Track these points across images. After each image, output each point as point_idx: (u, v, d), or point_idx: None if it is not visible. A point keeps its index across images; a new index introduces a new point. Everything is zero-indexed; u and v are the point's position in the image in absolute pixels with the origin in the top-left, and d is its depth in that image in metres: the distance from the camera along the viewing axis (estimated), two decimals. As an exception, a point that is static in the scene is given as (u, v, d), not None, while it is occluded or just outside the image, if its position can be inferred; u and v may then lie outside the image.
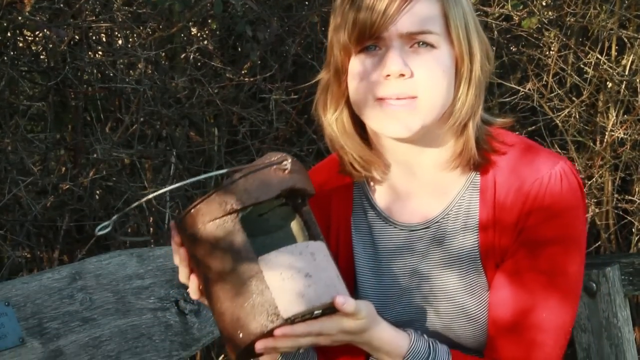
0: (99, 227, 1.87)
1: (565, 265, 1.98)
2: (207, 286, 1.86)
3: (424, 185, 2.05)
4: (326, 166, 2.20)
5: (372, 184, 2.11)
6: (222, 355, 4.13)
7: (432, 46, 1.93)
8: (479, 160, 2.01)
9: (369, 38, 1.93)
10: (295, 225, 1.98)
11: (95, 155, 3.79)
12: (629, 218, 4.70)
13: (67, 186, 3.76)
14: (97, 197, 4.01)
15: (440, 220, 2.03)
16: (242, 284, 1.80)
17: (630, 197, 4.69)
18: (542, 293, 1.97)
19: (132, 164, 4.10)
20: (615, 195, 4.67)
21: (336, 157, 2.13)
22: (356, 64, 1.97)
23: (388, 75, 1.92)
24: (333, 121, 2.05)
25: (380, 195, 2.10)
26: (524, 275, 1.98)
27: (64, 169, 3.94)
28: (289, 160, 1.85)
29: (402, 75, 1.91)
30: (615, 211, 4.71)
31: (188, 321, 2.71)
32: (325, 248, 1.89)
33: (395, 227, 2.07)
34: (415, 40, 1.93)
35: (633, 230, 4.74)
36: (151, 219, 4.03)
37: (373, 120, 1.97)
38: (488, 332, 2.01)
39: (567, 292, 1.99)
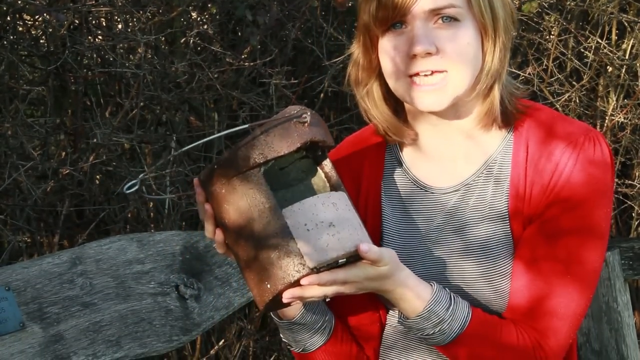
0: (128, 184, 1.90)
1: (583, 255, 1.99)
2: (232, 240, 1.89)
3: (455, 149, 2.08)
4: (360, 134, 2.24)
5: (404, 151, 2.14)
6: (223, 340, 4.14)
7: (455, 19, 1.96)
8: (507, 119, 2.04)
9: (393, 19, 1.97)
10: (316, 178, 2.01)
11: (95, 140, 3.80)
12: (629, 202, 4.72)
13: (67, 171, 3.76)
14: (97, 181, 4.02)
15: (471, 183, 2.06)
16: (267, 236, 1.83)
17: (630, 182, 4.70)
18: (558, 281, 1.98)
19: (132, 149, 4.11)
20: (616, 180, 4.67)
21: (369, 127, 2.18)
22: (385, 44, 2.01)
23: (415, 55, 1.96)
24: (365, 94, 2.10)
25: (412, 160, 2.13)
26: (541, 263, 1.99)
27: (64, 153, 3.94)
28: (309, 113, 1.87)
29: (429, 54, 1.95)
30: (616, 196, 4.72)
31: (188, 306, 2.72)
32: (347, 198, 1.92)
33: (427, 191, 2.09)
34: (439, 16, 1.96)
35: (633, 214, 4.76)
36: (151, 204, 4.04)
37: (406, 96, 2.01)
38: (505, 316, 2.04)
39: (582, 281, 2.00)
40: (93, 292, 2.55)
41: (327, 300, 2.05)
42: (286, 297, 1.85)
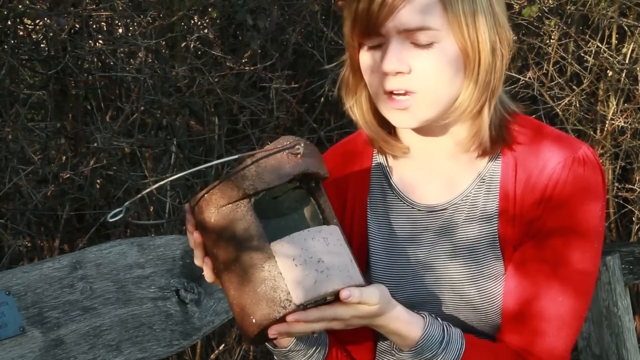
0: (111, 213, 1.86)
1: (569, 255, 1.97)
2: (220, 270, 1.87)
3: (441, 168, 2.06)
4: (346, 145, 2.21)
5: (391, 165, 2.12)
6: (223, 345, 4.15)
7: (429, 45, 1.90)
8: (495, 145, 2.01)
9: (369, 35, 1.93)
10: (309, 209, 1.99)
11: (95, 144, 3.80)
12: (629, 207, 4.73)
13: (68, 175, 3.76)
14: (97, 186, 4.02)
15: (458, 203, 2.04)
16: (254, 269, 1.81)
17: (630, 186, 4.71)
18: (545, 282, 1.97)
19: (132, 153, 4.11)
20: (616, 184, 4.70)
21: (358, 134, 2.16)
22: (363, 59, 1.98)
23: (386, 73, 1.92)
24: (353, 105, 2.07)
25: (399, 177, 2.10)
26: (529, 265, 1.98)
27: (64, 157, 3.94)
28: (302, 145, 1.85)
29: (400, 72, 1.91)
30: (616, 200, 4.74)
31: (189, 310, 2.71)
32: (339, 232, 1.89)
33: (413, 208, 2.07)
34: (414, 36, 1.90)
35: (633, 219, 4.77)
36: (152, 208, 4.04)
37: (383, 111, 1.99)
38: (500, 324, 2.03)
39: (569, 282, 1.98)
40: (93, 297, 2.54)
41: None
42: (271, 333, 1.82)
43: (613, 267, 3.41)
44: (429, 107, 1.93)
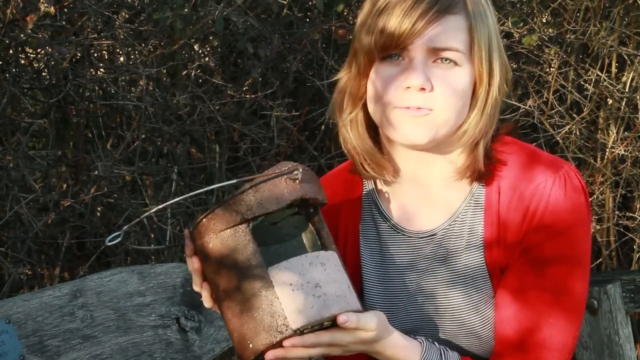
0: (109, 237, 1.88)
1: (570, 284, 1.99)
2: (219, 294, 1.88)
3: (432, 195, 2.07)
4: (338, 174, 2.22)
5: (381, 192, 2.13)
6: (223, 373, 4.13)
7: (455, 63, 1.96)
8: (484, 173, 2.03)
9: (395, 47, 1.95)
10: (307, 235, 2.00)
11: (96, 172, 3.80)
12: (629, 235, 4.71)
13: (69, 203, 3.77)
14: (98, 213, 4.01)
15: (447, 227, 2.05)
16: (252, 294, 1.82)
17: (631, 214, 4.70)
18: (547, 311, 1.99)
19: (133, 181, 4.11)
20: (616, 212, 4.68)
21: (347, 165, 2.16)
22: (379, 71, 1.99)
23: (409, 87, 1.95)
24: (348, 122, 2.07)
25: (389, 204, 2.11)
26: (529, 293, 1.99)
27: (65, 185, 3.94)
28: (300, 170, 1.86)
29: (423, 89, 1.94)
30: (616, 228, 4.72)
31: (189, 338, 2.71)
32: (337, 257, 1.90)
33: (404, 235, 2.09)
34: (439, 56, 1.96)
35: (634, 247, 4.74)
36: (152, 235, 4.02)
37: (387, 126, 2.00)
38: (494, 348, 2.03)
39: (571, 310, 2.00)
40: (94, 325, 2.54)
41: None
42: (269, 357, 1.84)
43: (614, 296, 3.40)
44: (441, 125, 1.96)
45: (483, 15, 1.99)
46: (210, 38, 4.11)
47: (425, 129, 1.96)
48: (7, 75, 3.68)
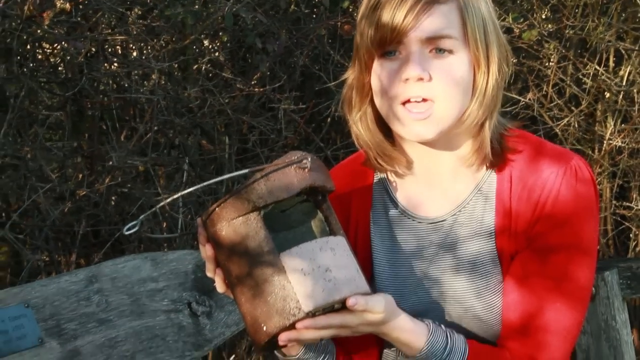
0: (127, 226, 1.89)
1: (572, 271, 2.01)
2: (231, 280, 1.90)
3: (442, 184, 2.08)
4: (349, 164, 2.23)
5: (392, 180, 2.13)
6: (233, 356, 4.17)
7: (450, 51, 1.96)
8: (495, 158, 2.04)
9: (390, 43, 1.96)
10: (316, 221, 2.01)
11: (110, 163, 3.82)
12: (626, 224, 4.73)
13: (84, 192, 3.79)
14: (112, 203, 4.03)
15: (457, 214, 2.06)
16: (264, 279, 1.84)
17: (628, 204, 4.72)
18: (549, 297, 2.00)
19: (146, 171, 4.12)
20: (614, 202, 4.69)
21: (360, 154, 2.17)
22: (378, 68, 2.00)
23: (407, 79, 1.95)
24: (357, 119, 2.08)
25: (401, 191, 2.12)
26: (532, 279, 2.01)
27: (81, 175, 3.95)
28: (309, 159, 1.87)
29: (421, 79, 1.95)
30: (614, 217, 4.74)
31: (200, 322, 2.72)
32: (346, 243, 1.92)
33: (413, 221, 2.10)
34: (434, 46, 1.95)
35: (631, 235, 4.76)
36: (165, 224, 4.04)
37: (394, 121, 2.01)
38: (500, 332, 2.05)
39: (573, 296, 2.02)
40: (109, 309, 2.55)
41: None
42: (282, 340, 1.86)
43: (611, 282, 3.43)
44: (446, 116, 1.97)
45: (474, 0, 1.99)
46: (220, 33, 4.13)
47: (431, 125, 1.97)
48: (25, 69, 3.70)
